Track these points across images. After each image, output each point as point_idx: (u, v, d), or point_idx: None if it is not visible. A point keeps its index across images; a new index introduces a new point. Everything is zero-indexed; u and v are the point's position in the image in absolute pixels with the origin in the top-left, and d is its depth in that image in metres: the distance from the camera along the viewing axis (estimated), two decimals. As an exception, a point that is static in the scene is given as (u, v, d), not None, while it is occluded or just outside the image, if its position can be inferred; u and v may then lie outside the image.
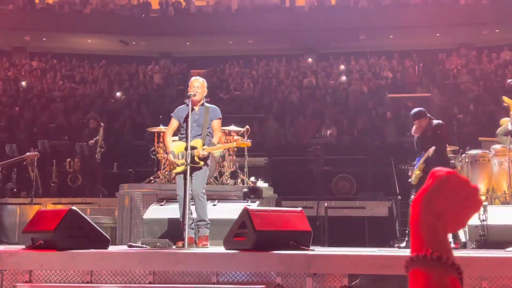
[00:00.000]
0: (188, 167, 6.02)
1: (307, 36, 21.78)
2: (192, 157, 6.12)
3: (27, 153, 8.43)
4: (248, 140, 6.79)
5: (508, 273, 4.26)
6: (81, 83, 20.41)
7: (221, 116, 6.56)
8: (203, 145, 6.30)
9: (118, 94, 19.33)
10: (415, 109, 7.78)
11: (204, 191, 6.37)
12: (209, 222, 6.43)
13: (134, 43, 23.36)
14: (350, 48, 22.11)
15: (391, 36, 21.88)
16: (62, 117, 16.54)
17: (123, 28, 22.33)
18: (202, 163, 6.23)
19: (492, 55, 19.92)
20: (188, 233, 6.03)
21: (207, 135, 6.39)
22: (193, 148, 6.18)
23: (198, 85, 6.41)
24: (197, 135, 6.29)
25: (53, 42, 22.97)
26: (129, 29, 22.34)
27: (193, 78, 6.54)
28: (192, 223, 6.40)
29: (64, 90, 19.45)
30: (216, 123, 6.45)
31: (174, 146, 6.42)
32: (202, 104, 6.43)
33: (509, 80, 6.32)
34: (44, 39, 22.88)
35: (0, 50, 23.15)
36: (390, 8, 21.69)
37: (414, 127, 7.61)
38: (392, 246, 9.23)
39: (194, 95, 6.32)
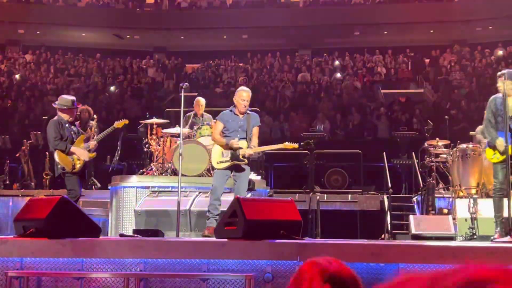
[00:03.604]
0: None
1: (302, 31, 21.80)
2: (238, 156, 6.65)
3: (116, 122, 7.83)
4: (296, 144, 6.98)
5: (493, 261, 4.32)
6: (75, 76, 20.37)
7: (260, 124, 7.10)
8: (247, 147, 6.77)
9: (112, 88, 19.31)
10: None
11: (246, 193, 6.91)
12: None
13: (128, 37, 23.31)
14: (345, 44, 22.16)
15: (385, 32, 21.94)
16: (55, 110, 16.50)
17: (117, 22, 22.27)
18: (246, 160, 6.72)
19: (486, 52, 19.99)
20: (212, 223, 6.49)
21: (249, 139, 6.86)
22: (240, 148, 6.70)
23: (249, 99, 6.88)
24: (242, 138, 6.78)
25: (47, 35, 22.88)
26: (123, 23, 22.28)
27: (245, 91, 6.87)
28: (217, 215, 6.65)
29: (58, 83, 19.42)
30: (256, 130, 6.94)
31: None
32: (246, 112, 6.90)
33: (499, 73, 6.23)
34: (38, 32, 22.80)
35: (-6, 43, 23.10)
36: (384, 4, 21.74)
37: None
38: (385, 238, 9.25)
39: (245, 107, 6.82)
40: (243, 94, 6.82)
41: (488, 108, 6.35)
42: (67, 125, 7.26)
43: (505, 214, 6.32)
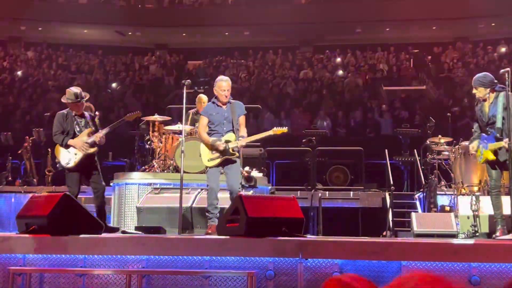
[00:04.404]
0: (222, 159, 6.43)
1: (304, 28, 21.75)
2: (228, 150, 6.40)
3: (127, 114, 7.66)
4: (285, 127, 6.78)
5: (495, 258, 4.32)
6: (76, 73, 20.38)
7: (246, 112, 6.79)
8: (236, 138, 6.53)
9: (114, 84, 19.32)
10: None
11: (240, 186, 6.73)
12: None
13: (130, 33, 23.29)
14: (346, 41, 22.11)
15: (387, 29, 21.89)
16: (57, 107, 16.54)
17: (119, 19, 22.24)
18: (237, 154, 6.50)
19: (488, 49, 19.94)
20: (214, 222, 6.37)
21: (237, 129, 6.60)
22: (227, 141, 6.45)
23: (229, 88, 6.64)
24: (228, 130, 6.54)
25: (49, 32, 22.87)
26: (125, 19, 22.25)
27: (224, 81, 6.65)
28: (217, 213, 6.55)
29: (60, 80, 19.43)
30: (242, 119, 6.68)
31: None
32: (229, 102, 6.65)
33: (502, 71, 6.23)
34: (40, 29, 22.79)
35: (-4, 40, 23.10)
36: (386, 1, 21.66)
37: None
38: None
39: (226, 97, 6.60)
40: (222, 84, 6.60)
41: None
42: (73, 117, 7.15)
43: (507, 211, 6.37)
